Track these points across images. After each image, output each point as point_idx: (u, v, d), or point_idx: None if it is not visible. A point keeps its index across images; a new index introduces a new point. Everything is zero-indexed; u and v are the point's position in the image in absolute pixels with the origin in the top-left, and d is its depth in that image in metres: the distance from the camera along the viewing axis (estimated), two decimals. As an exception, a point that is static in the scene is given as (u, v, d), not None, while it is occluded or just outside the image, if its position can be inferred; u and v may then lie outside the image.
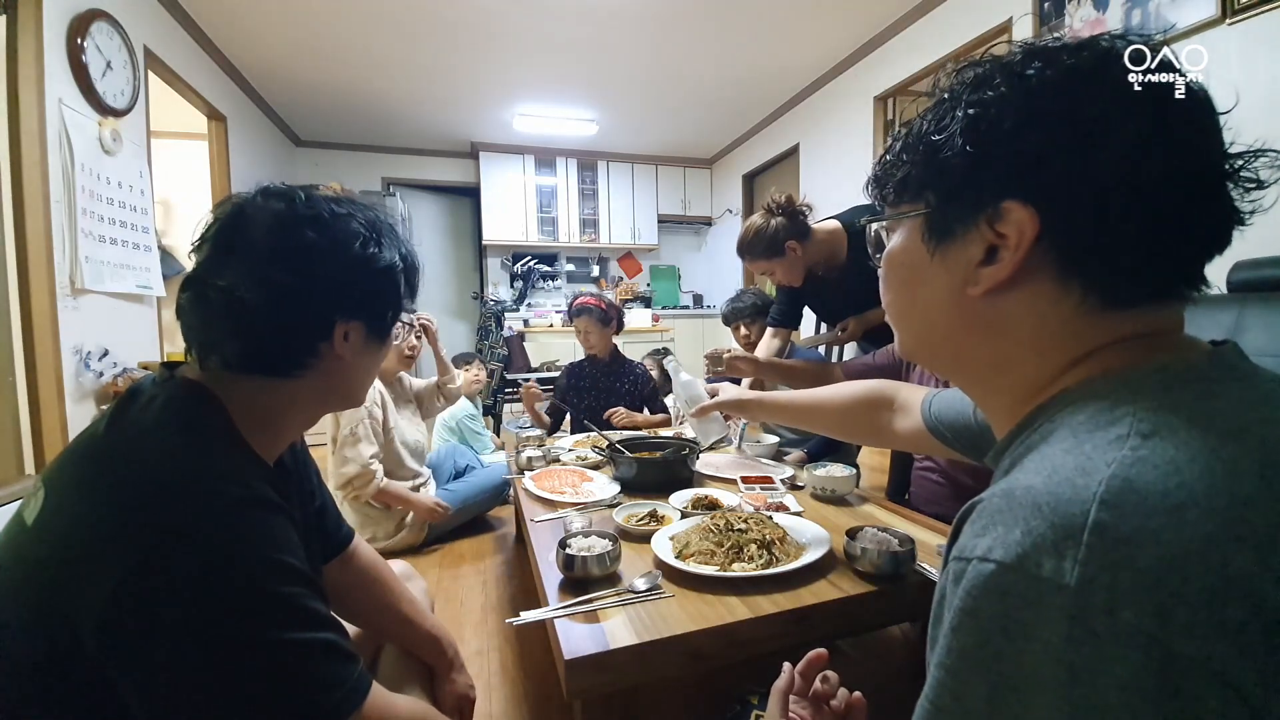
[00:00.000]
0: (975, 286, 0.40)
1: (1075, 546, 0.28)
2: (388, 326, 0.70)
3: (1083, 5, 2.36)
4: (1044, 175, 0.36)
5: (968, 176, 0.38)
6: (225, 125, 3.57)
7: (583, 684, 0.79)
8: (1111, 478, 0.29)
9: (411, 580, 1.09)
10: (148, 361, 2.54)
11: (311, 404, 0.68)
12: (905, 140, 0.43)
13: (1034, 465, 0.34)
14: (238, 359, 0.60)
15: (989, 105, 0.37)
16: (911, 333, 0.48)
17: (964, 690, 0.30)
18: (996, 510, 0.32)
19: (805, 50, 3.69)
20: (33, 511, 0.53)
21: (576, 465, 1.71)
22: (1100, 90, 0.35)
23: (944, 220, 0.41)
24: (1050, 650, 0.27)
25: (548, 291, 5.87)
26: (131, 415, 0.56)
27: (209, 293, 0.59)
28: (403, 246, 0.70)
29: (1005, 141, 0.37)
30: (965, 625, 0.31)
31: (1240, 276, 1.75)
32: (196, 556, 0.48)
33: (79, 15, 2.22)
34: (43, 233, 2.03)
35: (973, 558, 0.31)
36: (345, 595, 0.85)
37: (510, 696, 1.40)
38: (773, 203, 1.77)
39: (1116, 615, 0.26)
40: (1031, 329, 0.39)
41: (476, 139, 5.26)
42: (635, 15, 3.19)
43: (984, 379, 0.45)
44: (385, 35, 3.35)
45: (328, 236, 0.61)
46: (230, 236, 0.61)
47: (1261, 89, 1.88)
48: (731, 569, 0.97)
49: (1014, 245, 0.37)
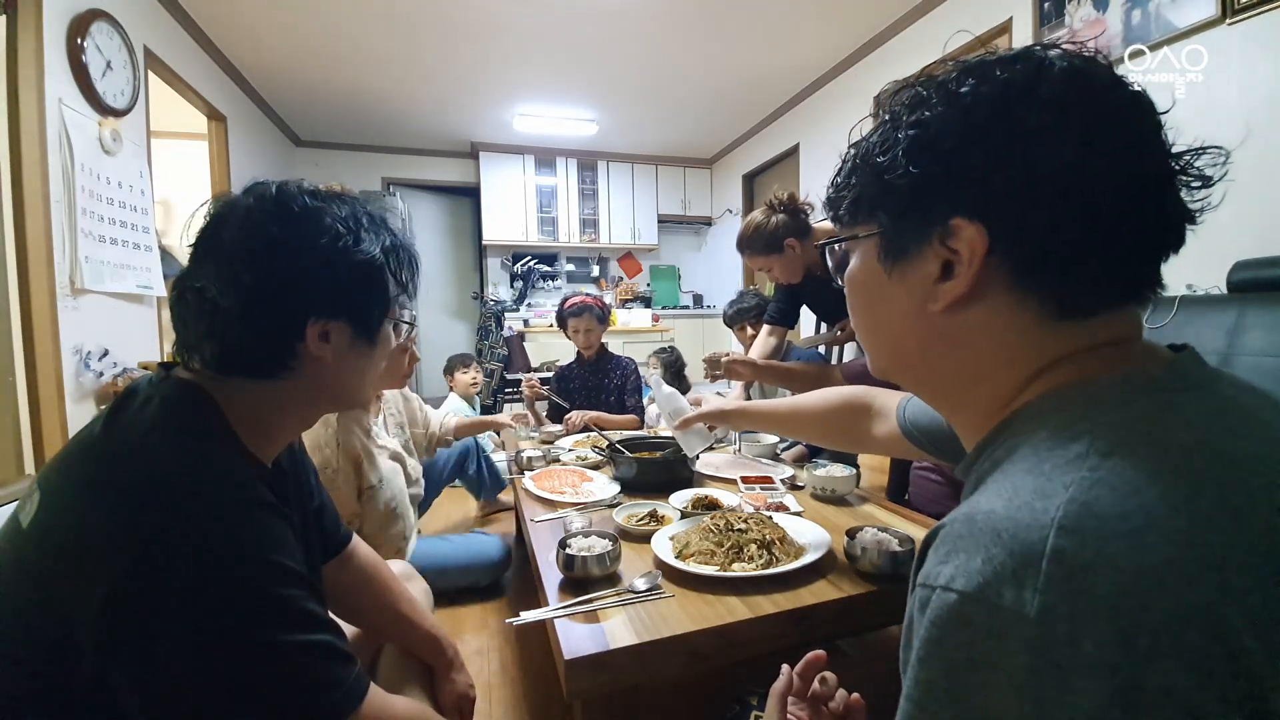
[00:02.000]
0: (935, 303, 0.40)
1: (1035, 575, 0.27)
2: (375, 325, 0.66)
3: (1083, 5, 2.36)
4: (988, 191, 0.36)
5: (915, 196, 0.39)
6: (225, 125, 3.57)
7: (583, 684, 0.79)
8: (1069, 501, 0.29)
9: (412, 580, 1.08)
10: (148, 361, 2.54)
11: (302, 405, 0.66)
12: (854, 162, 0.43)
13: (996, 487, 0.34)
14: (215, 360, 0.59)
15: (928, 125, 0.38)
16: (880, 351, 0.48)
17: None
18: (959, 536, 0.32)
19: (805, 50, 3.69)
20: (28, 514, 0.53)
21: (576, 465, 1.71)
22: (1033, 103, 0.35)
23: (897, 239, 0.41)
24: (1014, 682, 0.27)
25: (548, 291, 5.86)
26: (127, 416, 0.56)
27: (187, 293, 0.59)
28: (389, 239, 0.66)
29: (947, 160, 0.37)
30: (932, 656, 0.30)
31: (1240, 276, 1.75)
32: (193, 559, 0.48)
33: (79, 15, 2.22)
34: (43, 233, 2.03)
35: (937, 586, 0.31)
36: (344, 595, 0.85)
37: (510, 696, 1.40)
38: (775, 200, 1.77)
39: (1078, 646, 0.26)
40: (994, 342, 0.39)
41: (476, 139, 5.26)
42: (635, 15, 3.19)
43: (952, 394, 0.45)
44: (385, 35, 3.35)
45: (293, 231, 0.59)
46: (207, 236, 0.60)
47: (1261, 89, 1.88)
48: (731, 569, 0.97)
49: (967, 261, 0.37)
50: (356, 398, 0.70)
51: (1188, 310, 1.81)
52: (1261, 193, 1.88)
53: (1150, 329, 1.85)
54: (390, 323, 0.69)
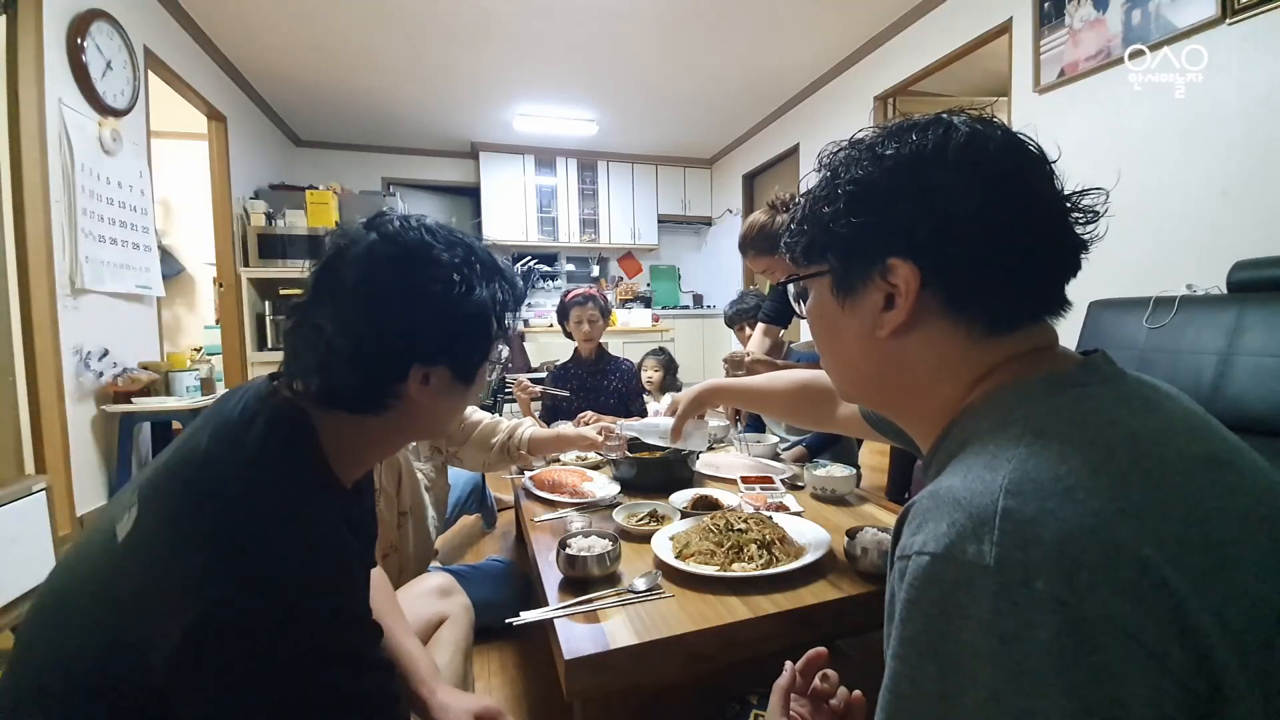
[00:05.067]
0: (881, 330, 0.46)
1: (990, 531, 0.32)
2: (474, 369, 0.66)
3: (1083, 5, 2.36)
4: (915, 236, 0.43)
5: (856, 241, 0.46)
6: (225, 125, 3.57)
7: (583, 684, 0.79)
8: (1012, 471, 0.34)
9: (451, 596, 1.07)
10: (148, 361, 2.54)
11: (394, 437, 0.68)
12: (804, 211, 0.51)
13: (952, 468, 0.40)
14: (319, 394, 0.59)
15: (861, 182, 0.45)
16: (842, 376, 0.55)
17: (918, 674, 0.34)
18: (926, 510, 0.37)
19: (805, 50, 3.69)
20: (125, 526, 0.53)
21: (576, 465, 1.71)
22: (942, 163, 0.42)
23: (846, 277, 0.48)
24: (983, 624, 0.31)
25: (548, 291, 5.86)
26: (231, 434, 0.56)
27: (304, 326, 0.59)
28: (499, 283, 0.66)
29: (879, 211, 0.44)
30: (911, 615, 0.34)
31: (1240, 276, 1.75)
32: (274, 605, 0.48)
33: (79, 15, 2.22)
34: (43, 233, 2.03)
35: (911, 554, 0.35)
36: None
37: (510, 696, 1.40)
38: (777, 200, 1.76)
39: (1031, 585, 0.30)
40: (935, 360, 0.45)
41: (476, 139, 5.26)
42: (635, 15, 3.19)
43: (905, 407, 0.51)
44: (385, 35, 3.35)
45: (411, 278, 0.59)
46: (328, 271, 0.60)
47: (1261, 89, 1.88)
48: (731, 569, 0.97)
49: (904, 294, 0.44)
50: (443, 432, 0.73)
51: (1188, 310, 1.81)
52: (1261, 193, 1.88)
53: (1150, 329, 1.86)
54: (487, 364, 0.69)
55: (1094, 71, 2.35)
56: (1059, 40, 2.47)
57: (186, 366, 2.65)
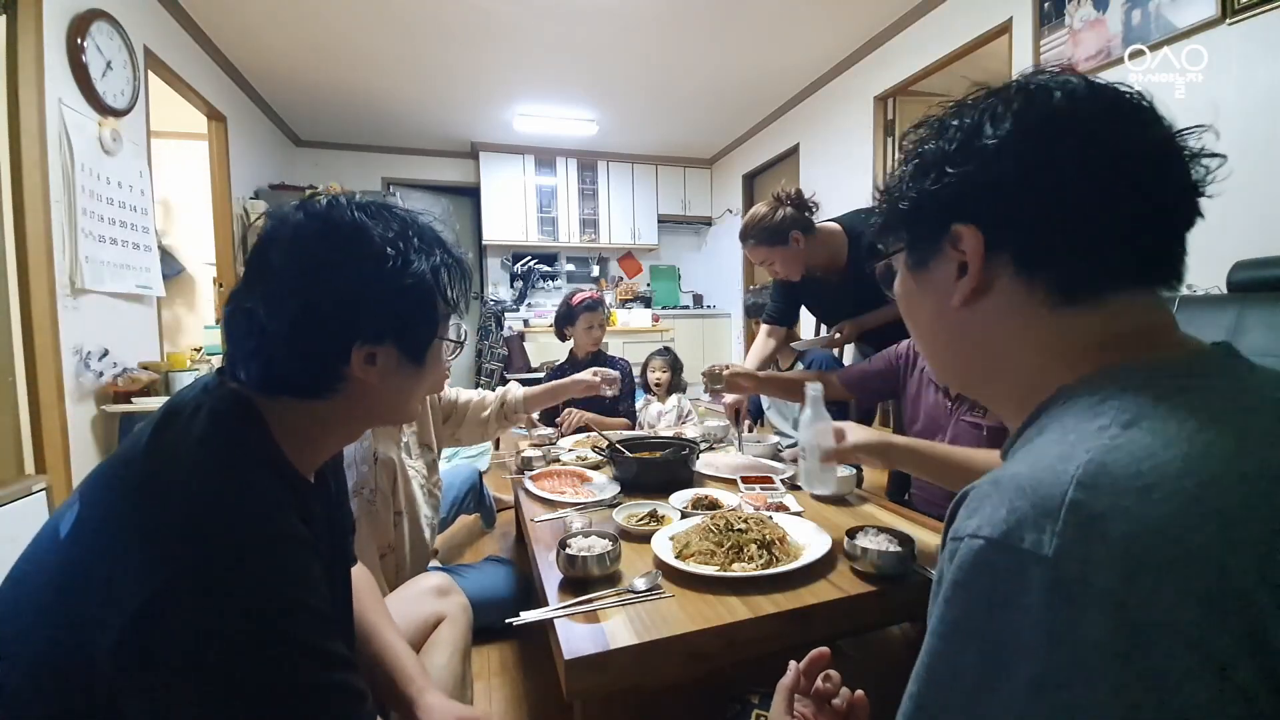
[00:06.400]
0: (954, 299, 0.45)
1: (1054, 521, 0.31)
2: (423, 347, 0.64)
3: (1083, 5, 2.36)
4: (973, 198, 0.42)
5: (921, 214, 0.46)
6: (225, 125, 3.57)
7: (583, 684, 0.79)
8: (1088, 462, 0.32)
9: (449, 595, 1.05)
10: (148, 361, 2.54)
11: (349, 423, 0.66)
12: (880, 196, 0.51)
13: (1022, 455, 0.38)
14: (260, 380, 0.58)
15: (922, 154, 0.45)
16: (928, 356, 0.54)
17: (956, 657, 0.33)
18: (985, 495, 0.35)
19: (805, 50, 3.69)
20: (67, 524, 0.52)
21: (576, 465, 1.71)
22: (993, 122, 0.41)
23: (918, 252, 0.48)
24: (1031, 615, 0.30)
25: (548, 291, 5.87)
26: (175, 429, 0.55)
27: (238, 313, 0.58)
28: (440, 256, 0.63)
29: (938, 179, 0.44)
30: (957, 597, 0.34)
31: (1240, 276, 1.75)
32: (216, 597, 0.47)
33: (79, 15, 2.22)
34: (43, 233, 2.03)
35: (964, 536, 0.34)
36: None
37: (510, 696, 1.40)
38: (782, 193, 1.76)
39: (1089, 583, 0.29)
40: (1009, 329, 0.44)
41: (476, 139, 5.26)
42: (635, 15, 3.19)
43: (991, 387, 0.49)
44: (385, 35, 3.35)
45: (340, 253, 0.58)
46: (258, 256, 0.60)
47: (1261, 89, 1.88)
48: (731, 569, 0.97)
49: (971, 257, 0.43)
50: (403, 415, 0.70)
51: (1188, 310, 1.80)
52: (1261, 193, 1.87)
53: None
54: (439, 341, 0.67)
55: (1094, 71, 2.35)
56: (1059, 40, 2.47)
57: (186, 366, 2.65)
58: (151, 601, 0.46)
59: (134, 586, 0.46)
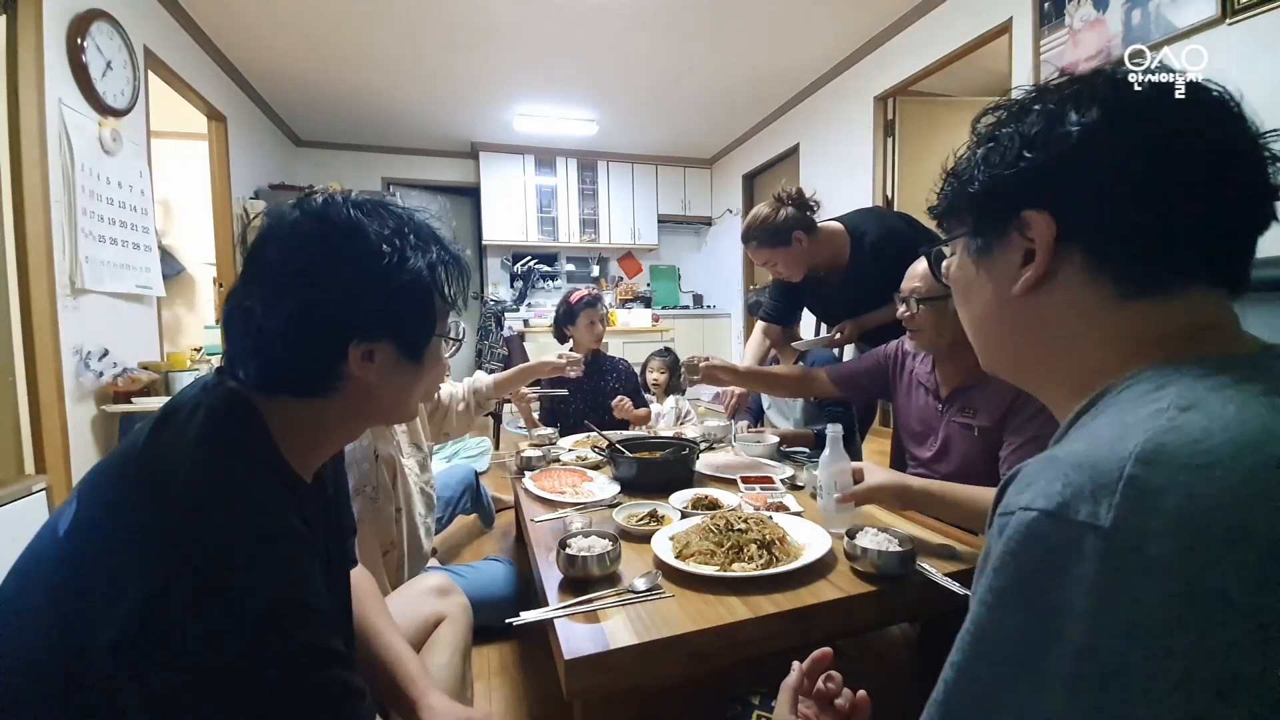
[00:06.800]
0: (1017, 286, 0.44)
1: (1110, 495, 0.31)
2: (421, 345, 0.64)
3: (1083, 5, 2.36)
4: (1048, 185, 0.42)
5: (990, 197, 0.45)
6: (225, 125, 3.57)
7: (583, 684, 0.79)
8: (1147, 441, 0.32)
9: (449, 596, 1.05)
10: (148, 361, 2.54)
11: (347, 422, 0.65)
12: (946, 177, 0.51)
13: (1078, 435, 0.39)
14: (258, 379, 0.58)
15: (996, 138, 0.44)
16: (978, 343, 0.53)
17: (1003, 623, 0.34)
18: (1039, 471, 0.36)
19: (805, 50, 3.69)
20: (66, 523, 0.53)
21: (576, 465, 1.71)
22: (1078, 108, 0.41)
23: (982, 236, 0.47)
24: (1084, 585, 0.30)
25: (548, 291, 5.86)
26: (174, 427, 0.55)
27: (235, 312, 0.58)
28: (437, 253, 0.63)
29: (1012, 163, 0.43)
30: (1007, 566, 0.34)
31: (1240, 276, 1.75)
32: (214, 595, 0.47)
33: (79, 15, 2.22)
34: (43, 233, 2.03)
35: (1015, 509, 0.35)
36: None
37: (510, 696, 1.40)
38: (783, 193, 1.76)
39: (1143, 553, 0.29)
40: (1075, 321, 0.43)
41: (476, 139, 5.26)
42: (636, 15, 3.19)
43: (1039, 373, 0.49)
44: (385, 35, 3.35)
45: (336, 251, 0.57)
46: (255, 254, 0.60)
47: (1261, 89, 1.88)
48: (731, 569, 0.97)
49: (1040, 245, 0.42)
50: (402, 414, 0.69)
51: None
52: (1261, 193, 1.88)
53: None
54: (438, 339, 0.67)
55: (1094, 71, 2.35)
56: (1059, 40, 2.47)
57: (186, 366, 2.65)
58: (150, 600, 0.46)
59: (133, 585, 0.46)
